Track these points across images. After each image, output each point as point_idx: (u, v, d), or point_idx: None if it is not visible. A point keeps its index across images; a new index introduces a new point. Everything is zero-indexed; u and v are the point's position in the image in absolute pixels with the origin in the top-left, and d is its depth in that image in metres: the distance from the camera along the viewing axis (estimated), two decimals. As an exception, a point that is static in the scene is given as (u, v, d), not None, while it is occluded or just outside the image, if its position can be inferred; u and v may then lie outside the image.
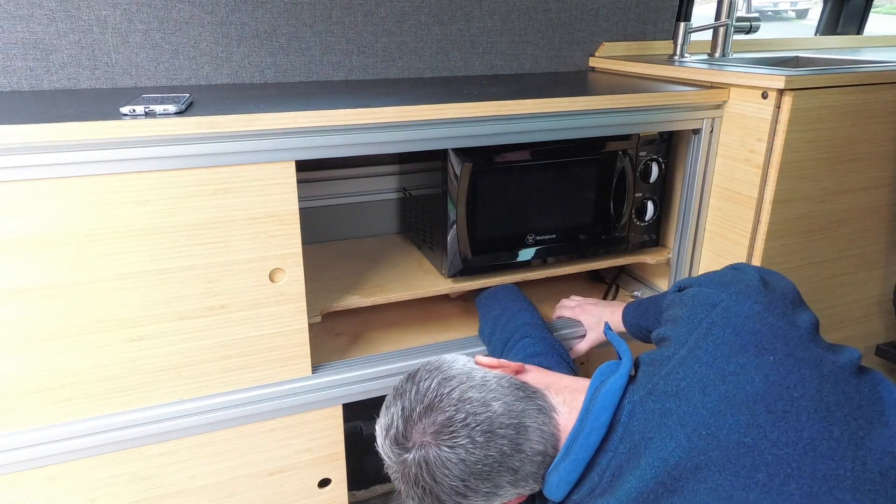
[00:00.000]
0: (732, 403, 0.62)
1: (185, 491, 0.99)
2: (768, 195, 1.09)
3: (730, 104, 1.14)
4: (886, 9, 7.68)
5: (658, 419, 0.66)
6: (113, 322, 0.87)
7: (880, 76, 1.10)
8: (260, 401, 0.98)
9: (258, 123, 0.86)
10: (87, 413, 0.90)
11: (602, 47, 1.53)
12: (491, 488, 0.71)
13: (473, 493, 0.71)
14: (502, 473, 0.71)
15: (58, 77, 1.14)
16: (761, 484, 0.58)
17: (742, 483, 0.58)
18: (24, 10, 1.09)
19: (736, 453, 0.60)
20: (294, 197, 0.91)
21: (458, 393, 0.72)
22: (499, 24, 1.42)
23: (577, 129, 1.07)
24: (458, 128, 0.98)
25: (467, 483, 0.70)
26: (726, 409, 0.62)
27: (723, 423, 0.62)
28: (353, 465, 1.30)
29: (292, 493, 1.06)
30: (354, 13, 1.30)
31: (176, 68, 1.21)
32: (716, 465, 0.60)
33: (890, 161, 1.19)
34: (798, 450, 0.59)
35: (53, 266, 0.82)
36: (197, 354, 0.93)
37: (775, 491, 0.57)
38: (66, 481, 0.91)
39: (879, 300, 1.33)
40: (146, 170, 0.82)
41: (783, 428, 0.60)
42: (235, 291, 0.92)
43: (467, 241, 1.12)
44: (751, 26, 1.50)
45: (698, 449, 0.62)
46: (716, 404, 0.63)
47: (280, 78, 1.29)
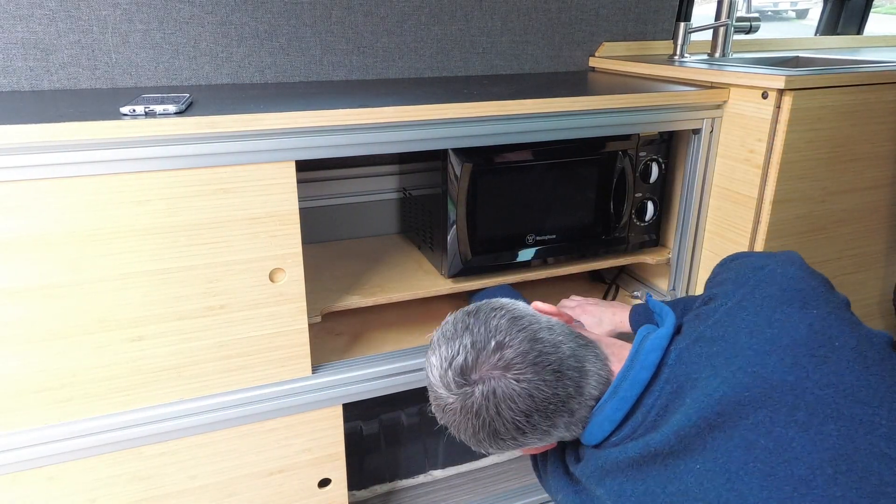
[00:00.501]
0: (777, 345, 0.64)
1: (185, 491, 0.99)
2: (768, 195, 1.09)
3: (730, 104, 1.14)
4: (886, 9, 7.67)
5: (704, 361, 0.68)
6: (113, 322, 0.87)
7: (880, 76, 1.10)
8: (260, 401, 0.98)
9: (258, 123, 0.86)
10: (87, 413, 0.90)
11: (602, 47, 1.53)
12: (549, 427, 0.72)
13: (532, 429, 0.72)
14: (562, 414, 0.72)
15: (58, 77, 1.14)
16: (801, 422, 0.60)
17: (783, 420, 0.60)
18: (24, 10, 1.09)
19: (779, 391, 0.62)
20: (294, 197, 0.91)
21: (529, 332, 0.73)
22: (499, 24, 1.42)
23: (577, 129, 1.07)
24: (458, 128, 0.98)
25: (530, 419, 0.71)
26: (771, 350, 0.64)
27: (767, 361, 0.64)
28: (353, 465, 1.31)
29: (292, 493, 1.06)
30: (354, 13, 1.30)
31: (176, 68, 1.21)
32: (758, 402, 0.62)
33: (890, 161, 1.19)
34: (838, 392, 0.60)
35: (54, 266, 0.82)
36: (197, 354, 0.93)
37: (814, 430, 0.59)
38: (66, 481, 0.91)
39: (879, 300, 1.33)
40: (146, 170, 0.82)
41: (824, 371, 0.62)
42: (235, 291, 0.92)
43: (467, 242, 1.12)
44: (751, 26, 1.50)
45: (743, 385, 0.63)
46: (761, 345, 0.65)
47: (280, 78, 1.29)
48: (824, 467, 0.58)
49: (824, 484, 0.57)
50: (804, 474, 0.58)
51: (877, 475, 0.57)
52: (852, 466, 0.57)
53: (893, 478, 0.57)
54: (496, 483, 1.37)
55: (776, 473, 0.59)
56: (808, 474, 0.58)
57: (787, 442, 0.60)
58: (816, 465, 0.58)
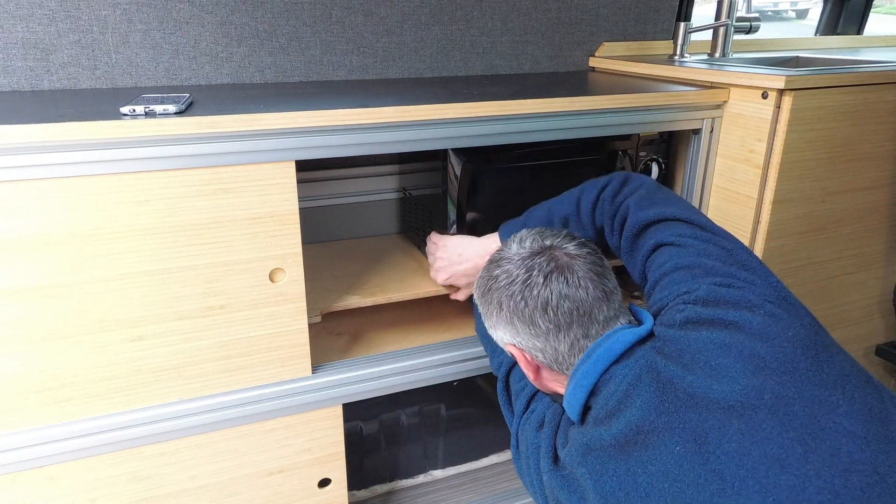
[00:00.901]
0: (737, 338, 0.67)
1: (185, 491, 0.99)
2: (768, 195, 1.10)
3: (730, 104, 1.14)
4: (886, 9, 7.67)
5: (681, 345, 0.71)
6: (113, 322, 0.87)
7: (880, 76, 1.10)
8: (260, 401, 0.98)
9: (258, 123, 0.86)
10: (87, 413, 0.90)
11: (602, 47, 1.53)
12: (556, 330, 0.76)
13: (547, 319, 0.76)
14: (569, 331, 0.76)
15: (58, 77, 1.14)
16: (768, 405, 0.62)
17: (752, 403, 0.62)
18: (24, 10, 1.09)
19: (744, 377, 0.64)
20: (294, 197, 0.91)
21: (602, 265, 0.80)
22: (499, 24, 1.42)
23: (577, 129, 1.07)
24: (458, 128, 0.98)
25: (552, 309, 0.75)
26: (732, 343, 0.67)
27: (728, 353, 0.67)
28: (353, 465, 1.31)
29: (292, 493, 1.06)
30: (354, 13, 1.30)
31: (176, 68, 1.21)
32: (728, 391, 0.64)
33: (890, 161, 1.19)
34: (796, 377, 0.64)
35: (54, 266, 0.82)
36: (197, 354, 0.93)
37: (781, 412, 0.61)
38: (66, 481, 0.91)
39: (879, 300, 1.33)
40: (146, 170, 0.82)
41: (781, 359, 0.65)
42: (235, 291, 0.92)
43: (467, 241, 1.12)
44: (751, 26, 1.50)
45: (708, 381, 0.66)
46: (725, 337, 0.68)
47: (280, 78, 1.29)
48: (794, 446, 0.59)
49: (797, 462, 0.59)
50: (777, 453, 0.59)
51: (846, 453, 0.59)
52: (821, 445, 0.59)
53: (862, 454, 0.59)
54: (496, 483, 1.37)
55: (751, 453, 0.60)
56: (780, 453, 0.59)
57: (758, 423, 0.61)
58: (787, 445, 0.60)
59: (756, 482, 0.59)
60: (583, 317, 0.75)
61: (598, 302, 0.76)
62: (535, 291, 0.76)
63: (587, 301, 0.75)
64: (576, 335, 0.76)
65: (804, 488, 0.57)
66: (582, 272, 0.76)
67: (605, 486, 0.68)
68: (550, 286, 0.75)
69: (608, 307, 0.76)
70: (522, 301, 0.77)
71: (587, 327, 0.76)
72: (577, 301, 0.75)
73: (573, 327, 0.75)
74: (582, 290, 0.75)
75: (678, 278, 0.78)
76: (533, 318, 0.76)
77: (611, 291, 0.77)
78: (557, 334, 0.76)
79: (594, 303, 0.75)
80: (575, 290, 0.75)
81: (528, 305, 0.76)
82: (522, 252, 0.79)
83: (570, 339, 0.76)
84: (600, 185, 0.93)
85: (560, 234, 0.81)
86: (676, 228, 0.83)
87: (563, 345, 0.77)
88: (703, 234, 0.81)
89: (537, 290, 0.76)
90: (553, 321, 0.76)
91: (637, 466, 0.66)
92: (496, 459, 1.44)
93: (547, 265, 0.77)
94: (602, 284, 0.77)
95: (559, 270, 0.76)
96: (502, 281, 0.79)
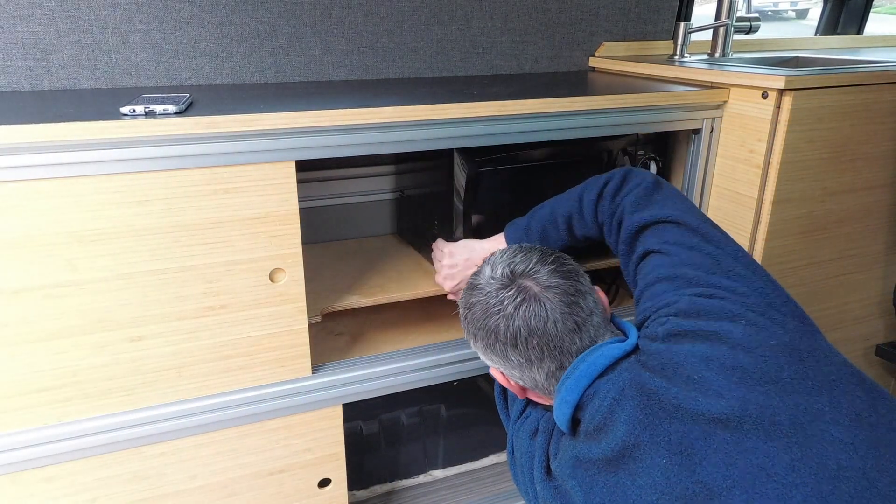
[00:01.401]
0: (719, 350, 0.68)
1: (185, 491, 0.99)
2: (768, 195, 1.10)
3: (730, 104, 1.14)
4: (886, 9, 7.68)
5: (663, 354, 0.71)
6: (113, 322, 0.87)
7: (880, 76, 1.10)
8: (260, 401, 0.98)
9: (258, 123, 0.86)
10: (87, 413, 0.89)
11: (602, 47, 1.53)
12: (536, 357, 0.75)
13: (525, 346, 0.74)
14: (553, 357, 0.75)
15: (58, 77, 1.14)
16: (753, 416, 0.62)
17: (737, 416, 0.62)
18: (24, 10, 1.09)
19: (727, 389, 0.65)
20: (294, 197, 0.91)
21: (577, 285, 0.78)
22: (499, 24, 1.42)
23: (577, 128, 1.07)
24: (459, 128, 0.98)
25: (530, 339, 0.74)
26: (714, 354, 0.67)
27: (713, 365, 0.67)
28: (353, 465, 1.30)
29: (292, 493, 1.06)
30: (354, 13, 1.30)
31: (176, 68, 1.21)
32: (712, 403, 0.65)
33: (890, 161, 1.19)
34: (780, 387, 0.64)
35: (53, 266, 0.82)
36: (197, 354, 0.93)
37: (767, 422, 0.61)
38: (66, 481, 0.91)
39: (879, 300, 1.33)
40: (146, 170, 0.82)
41: (764, 369, 0.65)
42: (235, 291, 0.92)
43: (467, 241, 1.12)
44: (751, 26, 1.50)
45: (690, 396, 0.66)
46: (707, 350, 0.68)
47: (280, 78, 1.29)
48: (781, 455, 0.59)
49: (784, 471, 0.59)
50: (763, 463, 0.60)
51: (834, 460, 0.59)
52: (807, 453, 0.59)
53: (850, 461, 0.59)
54: (496, 483, 1.37)
55: (736, 463, 0.60)
56: (766, 463, 0.59)
57: (744, 434, 0.62)
58: (773, 454, 0.60)
59: (742, 492, 0.59)
60: (553, 351, 0.74)
61: (569, 334, 0.74)
62: (503, 325, 0.75)
63: (557, 335, 0.74)
64: (549, 368, 0.75)
65: (791, 496, 0.57)
66: (551, 304, 0.74)
67: (594, 499, 0.68)
68: (518, 321, 0.74)
69: (580, 338, 0.75)
70: (493, 336, 0.76)
71: (560, 360, 0.75)
72: (546, 336, 0.74)
73: (545, 361, 0.75)
74: (551, 323, 0.74)
75: (660, 290, 0.78)
76: (505, 353, 0.76)
77: (583, 321, 0.75)
78: (531, 367, 0.76)
79: (564, 336, 0.74)
80: (543, 325, 0.74)
81: (498, 340, 0.76)
82: (493, 283, 0.78)
83: (545, 371, 0.76)
84: (602, 181, 0.93)
85: (533, 257, 0.79)
86: (666, 233, 0.83)
87: (539, 375, 0.76)
88: (690, 240, 0.81)
89: (506, 324, 0.75)
90: (524, 356, 0.75)
91: (626, 479, 0.66)
92: (496, 459, 1.44)
93: (515, 298, 0.75)
94: (573, 315, 0.74)
95: (528, 304, 0.74)
96: (477, 312, 0.78)
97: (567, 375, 0.74)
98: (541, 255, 0.79)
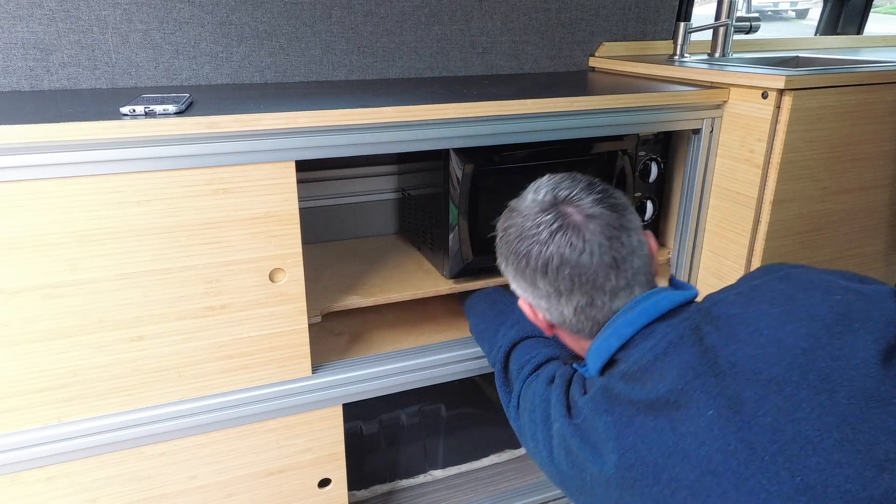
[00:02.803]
0: (795, 317, 0.65)
1: (185, 491, 0.99)
2: (768, 195, 1.09)
3: (730, 104, 1.14)
4: (886, 9, 7.68)
5: (724, 315, 0.69)
6: (113, 322, 0.87)
7: (880, 76, 1.10)
8: (260, 401, 0.98)
9: (258, 123, 0.86)
10: (87, 413, 0.90)
11: (602, 47, 1.53)
12: (569, 287, 0.72)
13: (555, 277, 0.72)
14: (584, 291, 0.72)
15: (58, 77, 1.14)
16: (812, 385, 0.61)
17: (795, 381, 0.61)
18: (24, 10, 1.09)
19: (792, 354, 0.63)
20: (294, 197, 0.91)
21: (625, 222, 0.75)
22: (499, 24, 1.42)
23: (577, 129, 1.07)
24: (459, 128, 0.98)
25: (562, 267, 0.71)
26: (789, 320, 0.65)
27: (784, 328, 0.65)
28: (353, 465, 1.31)
29: (292, 493, 1.06)
30: (354, 13, 1.30)
31: (176, 68, 1.21)
32: (772, 361, 0.63)
33: (890, 161, 1.19)
34: (850, 365, 0.62)
35: (53, 266, 0.82)
36: (197, 354, 0.93)
37: (824, 396, 0.60)
38: (66, 481, 0.91)
39: (879, 300, 1.33)
40: (146, 170, 0.82)
41: (837, 345, 0.63)
42: (235, 291, 0.92)
43: (468, 242, 1.12)
44: (751, 26, 1.50)
45: (757, 344, 0.65)
46: (780, 314, 0.66)
47: (280, 78, 1.29)
48: (831, 432, 0.59)
49: (830, 447, 0.58)
50: (811, 435, 0.59)
51: (882, 450, 0.58)
52: (858, 436, 0.58)
53: None
54: (496, 483, 1.37)
55: (785, 430, 0.59)
56: (815, 435, 0.59)
57: (797, 402, 0.60)
58: (824, 429, 0.59)
59: (786, 459, 0.58)
60: (585, 285, 0.71)
61: (603, 269, 0.71)
62: (536, 251, 0.72)
63: (590, 268, 0.70)
64: (579, 302, 0.72)
65: (833, 474, 0.57)
66: (591, 234, 0.71)
67: (627, 439, 0.66)
68: (552, 248, 0.71)
69: (616, 276, 0.71)
70: (524, 260, 0.74)
71: (591, 296, 0.72)
72: (578, 268, 0.71)
73: (574, 294, 0.72)
74: (586, 255, 0.70)
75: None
76: (534, 280, 0.74)
77: (622, 259, 0.71)
78: (559, 298, 0.73)
79: (599, 270, 0.71)
80: (578, 256, 0.70)
81: (528, 266, 0.73)
82: (534, 206, 0.75)
83: (573, 304, 0.73)
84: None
85: (579, 184, 0.75)
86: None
87: (567, 309, 0.74)
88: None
89: (538, 250, 0.72)
90: (553, 285, 0.72)
91: (665, 425, 0.64)
92: (496, 459, 1.44)
93: (553, 223, 0.72)
94: (613, 251, 0.71)
95: (564, 230, 0.71)
96: (511, 235, 0.76)
97: (626, 310, 0.72)
98: (588, 183, 0.76)
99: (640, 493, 0.64)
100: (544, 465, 0.78)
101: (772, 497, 0.58)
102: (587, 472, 0.70)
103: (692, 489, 0.61)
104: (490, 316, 1.06)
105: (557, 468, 0.75)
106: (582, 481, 0.71)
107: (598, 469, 0.68)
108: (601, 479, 0.68)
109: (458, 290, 1.16)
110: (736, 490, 0.59)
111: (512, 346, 0.94)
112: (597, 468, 0.68)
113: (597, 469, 0.68)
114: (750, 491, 0.59)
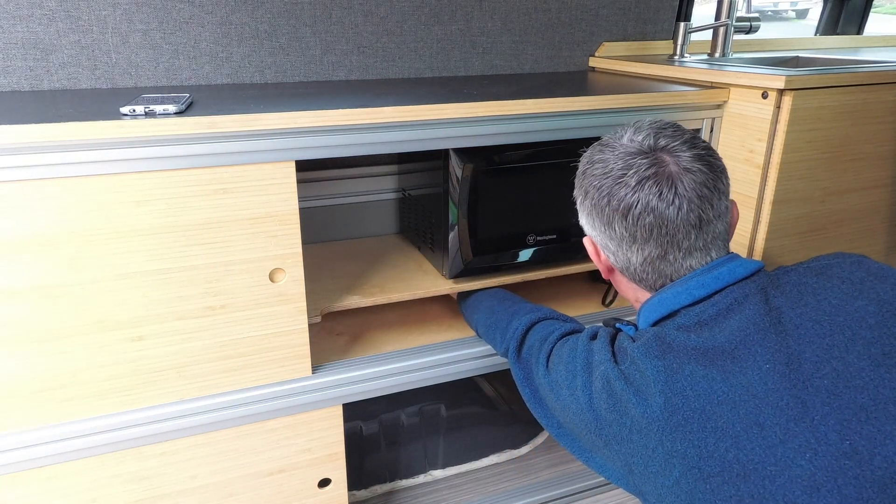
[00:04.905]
0: (864, 295, 0.67)
1: (185, 491, 0.99)
2: (768, 195, 1.10)
3: (730, 104, 1.14)
4: (886, 9, 7.68)
5: (793, 284, 0.70)
6: (113, 322, 0.87)
7: (880, 76, 1.10)
8: (260, 401, 0.98)
9: (258, 123, 0.86)
10: (87, 413, 0.90)
11: (602, 47, 1.53)
12: (641, 240, 0.72)
13: (633, 224, 0.71)
14: (659, 243, 0.71)
15: (58, 77, 1.14)
16: (874, 358, 0.61)
17: (857, 350, 0.62)
18: (24, 10, 1.09)
19: (858, 326, 0.64)
20: (294, 197, 0.91)
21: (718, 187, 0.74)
22: (499, 24, 1.42)
23: (577, 129, 1.07)
24: (459, 128, 0.98)
25: (643, 216, 0.70)
26: (858, 296, 0.66)
27: (853, 302, 0.66)
28: (353, 465, 1.31)
29: (292, 493, 1.06)
30: (354, 13, 1.30)
31: (176, 68, 1.21)
32: (836, 329, 0.64)
33: (890, 161, 1.19)
34: None
35: (54, 266, 0.82)
36: (197, 354, 0.93)
37: (885, 369, 0.61)
38: (65, 481, 0.91)
39: (879, 300, 1.33)
40: (146, 170, 0.82)
41: (892, 322, 0.64)
42: (235, 291, 0.92)
43: (468, 242, 1.12)
44: (751, 26, 1.50)
45: (824, 311, 0.66)
46: (849, 290, 0.67)
47: (280, 78, 1.29)
48: (888, 405, 0.59)
49: (884, 419, 0.58)
50: (866, 404, 0.59)
51: None
52: None
53: None
54: (496, 483, 1.37)
55: (842, 395, 0.60)
56: (870, 405, 0.59)
57: (858, 370, 0.61)
58: (881, 400, 0.59)
59: (838, 422, 0.59)
60: (663, 237, 0.70)
61: (686, 227, 0.69)
62: (621, 193, 0.70)
63: (674, 222, 0.69)
64: (651, 253, 0.71)
65: (884, 444, 0.57)
66: (683, 189, 0.69)
67: (675, 384, 0.65)
68: (639, 193, 0.69)
69: (696, 236, 0.70)
70: (606, 198, 0.72)
71: (665, 249, 0.70)
72: (662, 219, 0.69)
73: (649, 244, 0.71)
74: (673, 208, 0.69)
75: None
76: (611, 221, 0.72)
77: (707, 221, 0.70)
78: (632, 245, 0.72)
79: (682, 226, 0.69)
80: (665, 207, 0.69)
81: (609, 205, 0.72)
82: (630, 146, 0.73)
83: (644, 254, 0.72)
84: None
85: (683, 136, 0.73)
86: None
87: (636, 257, 0.73)
88: None
89: (624, 192, 0.70)
90: (630, 231, 0.71)
91: (717, 374, 0.64)
92: (496, 459, 1.44)
93: (646, 169, 0.70)
94: (701, 209, 0.69)
95: (656, 179, 0.69)
96: (597, 170, 0.74)
97: (703, 272, 0.71)
98: (692, 136, 0.74)
99: (680, 440, 0.63)
100: (581, 411, 0.75)
101: (818, 456, 0.58)
102: (628, 416, 0.68)
103: (736, 439, 0.61)
104: (499, 310, 1.06)
105: (595, 413, 0.73)
106: (620, 426, 0.69)
107: (640, 412, 0.66)
108: (643, 423, 0.66)
109: (457, 290, 1.16)
110: (782, 444, 0.59)
111: (530, 326, 0.94)
112: (640, 410, 0.67)
113: (639, 412, 0.67)
114: (797, 447, 0.59)
